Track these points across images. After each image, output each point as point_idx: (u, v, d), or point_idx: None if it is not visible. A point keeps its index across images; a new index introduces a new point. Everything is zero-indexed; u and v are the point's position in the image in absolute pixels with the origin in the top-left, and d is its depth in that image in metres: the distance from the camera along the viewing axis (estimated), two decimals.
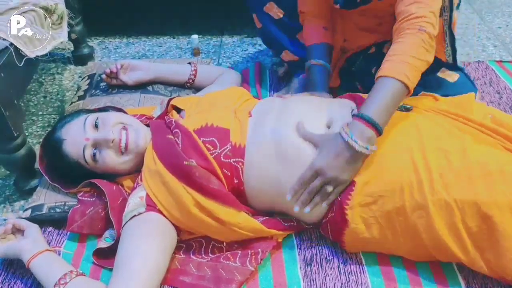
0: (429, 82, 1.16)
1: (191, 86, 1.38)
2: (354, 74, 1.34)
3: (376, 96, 0.90)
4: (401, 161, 0.88)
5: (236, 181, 0.95)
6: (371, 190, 0.89)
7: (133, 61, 1.36)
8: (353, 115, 0.92)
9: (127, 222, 0.91)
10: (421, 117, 0.98)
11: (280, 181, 0.94)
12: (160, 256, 0.88)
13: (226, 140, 0.95)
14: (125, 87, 1.34)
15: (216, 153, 0.94)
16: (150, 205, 0.92)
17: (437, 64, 1.20)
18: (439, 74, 1.18)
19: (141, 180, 0.97)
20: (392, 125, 0.94)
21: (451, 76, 1.19)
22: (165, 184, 0.92)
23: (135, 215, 0.90)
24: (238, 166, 0.95)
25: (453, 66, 1.21)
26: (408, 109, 1.01)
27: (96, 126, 0.99)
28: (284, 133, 0.94)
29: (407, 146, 0.90)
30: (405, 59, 0.91)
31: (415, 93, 1.16)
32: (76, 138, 0.98)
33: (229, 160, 0.94)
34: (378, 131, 0.88)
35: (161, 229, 0.91)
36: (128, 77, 1.33)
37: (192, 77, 1.36)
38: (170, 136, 0.98)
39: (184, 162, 0.91)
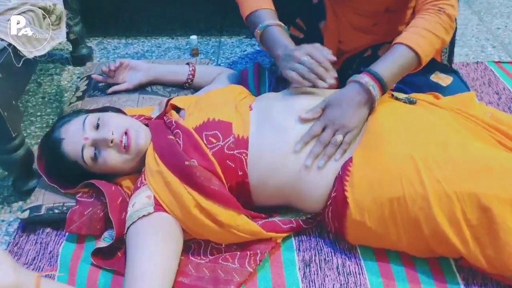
0: (423, 86, 1.17)
1: (190, 87, 1.38)
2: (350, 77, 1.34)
3: (386, 58, 0.99)
4: (400, 150, 0.90)
5: (240, 173, 0.95)
6: (371, 175, 0.89)
7: (132, 61, 1.35)
8: (362, 70, 0.99)
9: (134, 222, 0.90)
10: (424, 110, 1.00)
11: (284, 170, 0.95)
12: (175, 260, 0.88)
13: (228, 133, 0.96)
14: None
15: (220, 145, 0.95)
16: (159, 205, 0.92)
17: (431, 65, 1.21)
18: (432, 78, 1.19)
19: (145, 179, 0.97)
20: (395, 115, 0.97)
21: (444, 80, 1.19)
22: (167, 184, 0.92)
23: (144, 215, 0.90)
24: (242, 157, 0.95)
25: (447, 69, 1.21)
26: (412, 102, 1.02)
27: (95, 126, 0.99)
28: (286, 124, 0.97)
29: (408, 137, 0.92)
30: (421, 32, 0.99)
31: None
32: (75, 138, 0.98)
33: (232, 152, 0.95)
34: (383, 87, 0.96)
35: (173, 230, 0.91)
36: (129, 82, 1.32)
37: (191, 77, 1.36)
38: (171, 137, 0.98)
39: (186, 162, 0.91)
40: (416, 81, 1.19)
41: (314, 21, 1.24)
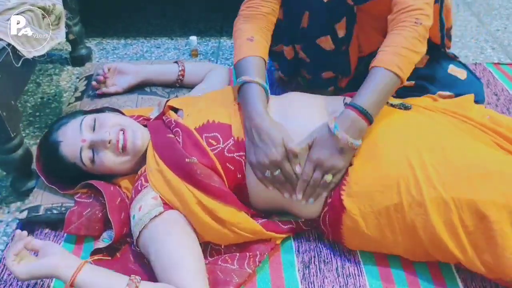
0: (443, 80, 1.18)
1: (181, 85, 1.38)
2: (357, 77, 1.33)
3: (368, 86, 0.93)
4: (396, 156, 0.90)
5: (239, 175, 0.96)
6: (368, 182, 0.89)
7: (120, 64, 1.34)
8: (345, 104, 0.94)
9: (146, 224, 0.89)
10: (420, 115, 1.00)
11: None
12: (199, 249, 0.90)
13: (228, 135, 0.96)
14: None
15: (220, 148, 0.95)
16: (167, 204, 0.92)
17: (445, 56, 1.21)
18: (450, 71, 1.19)
19: (146, 181, 0.96)
20: (390, 122, 0.97)
21: (461, 74, 1.20)
22: (167, 183, 0.92)
23: (156, 216, 0.89)
24: (242, 160, 0.95)
25: (460, 63, 1.23)
26: (407, 108, 1.03)
27: (92, 127, 0.99)
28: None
29: (404, 143, 0.92)
30: (398, 51, 0.93)
31: (432, 93, 1.17)
32: (73, 140, 0.97)
33: (232, 155, 0.95)
34: (369, 120, 0.91)
35: (187, 224, 0.92)
36: (118, 86, 1.32)
37: (181, 77, 1.36)
38: (171, 135, 0.98)
39: (186, 159, 0.91)
40: (435, 74, 1.19)
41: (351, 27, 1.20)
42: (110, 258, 0.97)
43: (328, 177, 0.92)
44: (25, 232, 0.81)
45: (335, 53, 1.18)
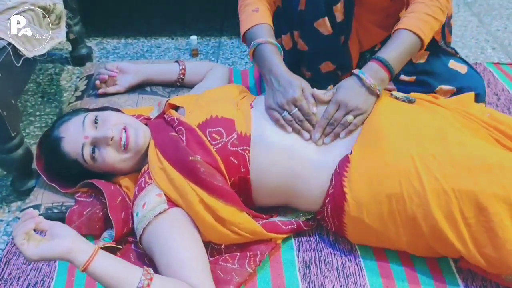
0: (444, 74, 1.19)
1: (182, 85, 1.38)
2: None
3: (390, 44, 1.02)
4: (398, 146, 0.90)
5: (243, 170, 0.96)
6: (369, 170, 0.90)
7: (121, 64, 1.35)
8: (370, 58, 1.01)
9: (150, 221, 0.89)
10: (423, 108, 1.01)
11: (283, 166, 0.96)
12: (202, 245, 0.91)
13: (232, 130, 0.97)
14: None
15: (223, 142, 0.95)
16: (171, 201, 0.92)
17: (444, 52, 1.21)
18: (450, 66, 1.20)
19: (149, 178, 0.96)
20: (393, 113, 0.98)
21: (462, 68, 1.21)
22: (171, 181, 0.92)
23: (160, 212, 0.90)
24: (245, 154, 0.96)
25: (460, 59, 1.24)
26: (411, 101, 1.04)
27: (95, 124, 0.99)
28: None
29: (406, 133, 0.92)
30: (421, 16, 1.02)
31: (433, 87, 1.19)
32: (75, 136, 0.98)
33: (236, 149, 0.95)
34: (391, 73, 1.00)
35: (192, 223, 0.92)
36: (119, 85, 1.32)
37: (181, 76, 1.36)
38: (174, 133, 0.98)
39: (189, 157, 0.91)
40: (436, 69, 1.20)
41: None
42: (120, 247, 0.98)
43: (349, 117, 0.97)
44: (36, 211, 0.76)
45: (333, 39, 1.18)
